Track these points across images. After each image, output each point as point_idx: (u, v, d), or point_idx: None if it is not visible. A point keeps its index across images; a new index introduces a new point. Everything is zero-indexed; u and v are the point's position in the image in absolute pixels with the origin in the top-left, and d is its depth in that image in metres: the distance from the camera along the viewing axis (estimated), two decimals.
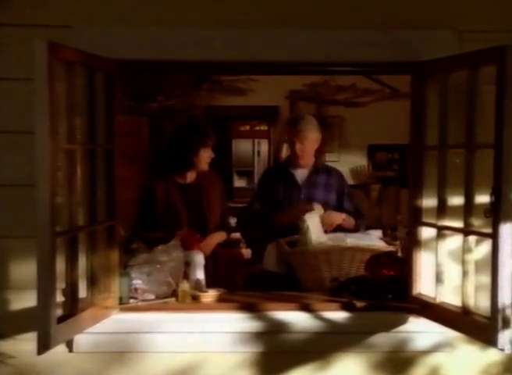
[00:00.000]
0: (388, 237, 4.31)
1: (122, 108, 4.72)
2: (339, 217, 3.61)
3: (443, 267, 2.80)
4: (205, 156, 3.68)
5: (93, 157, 2.80)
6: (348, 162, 6.78)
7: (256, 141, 10.34)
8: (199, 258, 3.29)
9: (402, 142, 6.38)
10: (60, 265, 2.55)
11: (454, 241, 2.77)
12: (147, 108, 5.79)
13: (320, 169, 3.81)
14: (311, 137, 3.69)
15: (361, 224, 3.78)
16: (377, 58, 2.98)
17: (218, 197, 3.79)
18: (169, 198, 3.65)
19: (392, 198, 6.81)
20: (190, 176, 3.74)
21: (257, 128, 9.70)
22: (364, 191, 6.74)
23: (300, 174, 3.78)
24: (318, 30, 2.94)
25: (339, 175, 3.88)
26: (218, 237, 3.76)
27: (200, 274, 3.25)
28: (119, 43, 2.87)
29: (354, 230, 3.66)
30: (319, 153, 3.91)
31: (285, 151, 6.18)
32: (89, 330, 2.80)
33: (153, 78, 5.68)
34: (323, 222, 3.48)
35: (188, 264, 3.23)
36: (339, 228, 3.61)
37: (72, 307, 2.65)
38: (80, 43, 2.71)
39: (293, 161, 3.75)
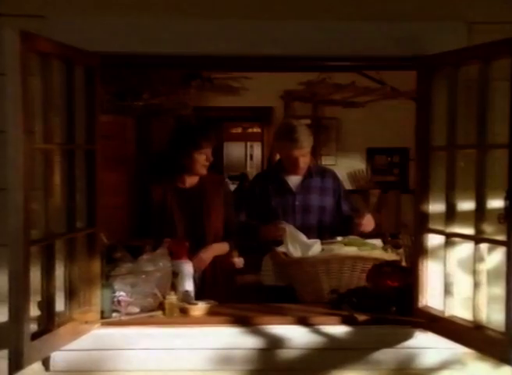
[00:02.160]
0: (388, 244, 4.30)
1: (105, 108, 4.65)
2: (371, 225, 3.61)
3: (452, 278, 2.74)
4: (201, 160, 3.59)
5: (72, 158, 2.74)
6: (346, 166, 6.81)
7: (248, 144, 10.35)
8: (188, 268, 3.24)
9: (403, 145, 6.62)
10: (35, 276, 2.49)
11: (464, 249, 2.72)
12: (132, 108, 5.75)
13: (313, 172, 3.80)
14: (309, 147, 3.70)
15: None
16: (379, 52, 2.93)
17: (220, 204, 3.68)
18: (165, 203, 3.58)
19: (392, 204, 6.84)
20: (190, 181, 3.66)
21: (250, 130, 9.73)
22: (363, 197, 6.71)
23: (293, 180, 3.77)
24: (315, 22, 2.88)
25: (334, 175, 3.89)
26: (217, 250, 3.64)
27: (189, 285, 3.19)
28: (100, 34, 2.80)
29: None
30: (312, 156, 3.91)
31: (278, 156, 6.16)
32: (67, 346, 2.71)
33: (138, 74, 5.62)
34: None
35: (176, 274, 3.17)
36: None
37: (49, 322, 2.57)
38: (57, 34, 2.61)
39: (291, 171, 3.74)
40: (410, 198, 6.36)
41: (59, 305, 2.66)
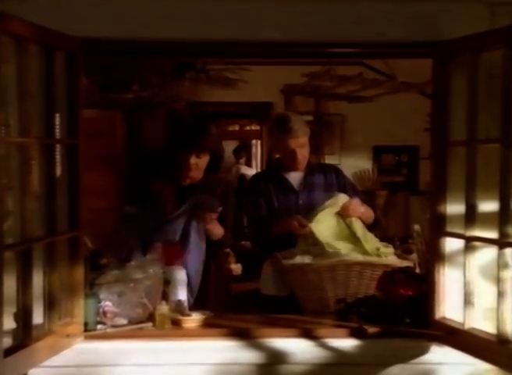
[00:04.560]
0: (398, 249, 4.34)
1: (90, 101, 4.57)
2: (358, 208, 3.53)
3: (473, 286, 2.70)
4: (189, 164, 3.54)
5: (52, 154, 2.73)
6: (350, 166, 6.80)
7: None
8: (181, 276, 3.22)
9: (412, 143, 6.57)
10: (10, 284, 2.44)
11: (486, 255, 2.67)
12: (120, 100, 5.73)
13: (315, 168, 3.81)
14: (306, 139, 3.70)
15: (380, 219, 3.80)
16: (389, 37, 2.91)
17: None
18: (162, 199, 3.58)
19: (400, 206, 6.84)
20: (191, 178, 3.61)
21: (248, 128, 9.72)
22: (369, 199, 6.67)
23: (295, 178, 3.77)
24: (318, 4, 2.85)
25: (337, 170, 3.89)
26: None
27: (182, 294, 3.17)
28: (83, 18, 2.77)
29: (372, 225, 3.65)
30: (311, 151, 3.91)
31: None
32: (46, 363, 2.67)
33: (126, 63, 5.61)
34: (342, 210, 3.49)
35: (168, 282, 3.15)
36: None
37: (25, 336, 2.53)
38: (36, 17, 2.57)
39: (290, 166, 3.75)
40: (421, 199, 6.37)
41: (37, 316, 2.62)
